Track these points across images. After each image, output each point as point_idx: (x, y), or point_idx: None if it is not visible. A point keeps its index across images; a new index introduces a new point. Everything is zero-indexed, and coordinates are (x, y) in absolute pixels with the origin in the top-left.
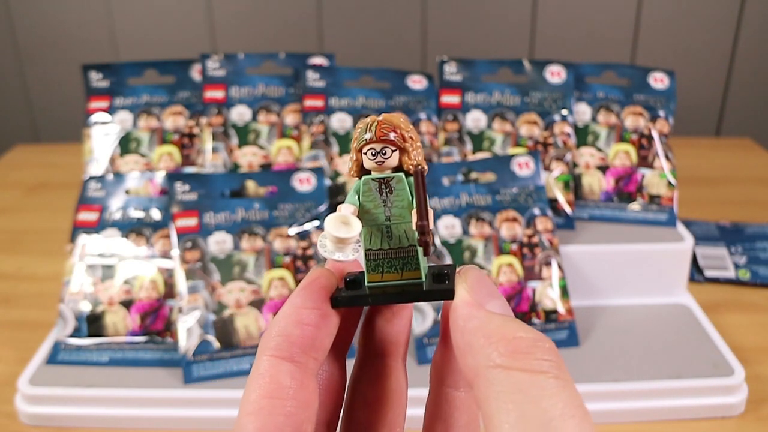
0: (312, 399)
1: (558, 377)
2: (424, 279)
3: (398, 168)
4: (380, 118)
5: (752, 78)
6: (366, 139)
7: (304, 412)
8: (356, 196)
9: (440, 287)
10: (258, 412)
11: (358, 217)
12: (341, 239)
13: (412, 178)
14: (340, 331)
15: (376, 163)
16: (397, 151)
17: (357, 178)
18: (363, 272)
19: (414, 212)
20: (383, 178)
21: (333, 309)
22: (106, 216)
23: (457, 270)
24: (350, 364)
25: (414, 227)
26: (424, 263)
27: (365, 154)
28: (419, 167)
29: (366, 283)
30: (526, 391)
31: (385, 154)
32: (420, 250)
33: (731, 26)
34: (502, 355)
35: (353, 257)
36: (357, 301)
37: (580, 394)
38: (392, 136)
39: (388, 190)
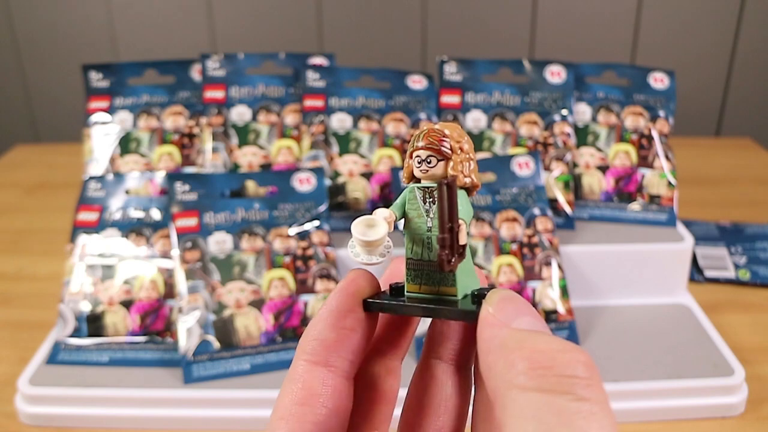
0: (344, 405)
1: (582, 398)
2: (460, 297)
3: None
4: (436, 126)
5: (752, 78)
6: (416, 147)
7: (335, 418)
8: (400, 203)
9: (465, 309)
10: (288, 417)
11: (404, 225)
12: (366, 242)
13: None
14: (395, 336)
15: (421, 171)
16: (444, 161)
17: (408, 185)
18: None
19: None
20: (428, 188)
21: (365, 312)
22: (106, 216)
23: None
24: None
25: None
26: (465, 281)
27: (414, 161)
28: (452, 178)
29: (405, 293)
30: (542, 416)
31: (430, 162)
32: (461, 265)
33: (731, 26)
34: (520, 374)
35: (378, 260)
36: (386, 308)
37: (609, 416)
38: (439, 145)
39: (431, 200)
